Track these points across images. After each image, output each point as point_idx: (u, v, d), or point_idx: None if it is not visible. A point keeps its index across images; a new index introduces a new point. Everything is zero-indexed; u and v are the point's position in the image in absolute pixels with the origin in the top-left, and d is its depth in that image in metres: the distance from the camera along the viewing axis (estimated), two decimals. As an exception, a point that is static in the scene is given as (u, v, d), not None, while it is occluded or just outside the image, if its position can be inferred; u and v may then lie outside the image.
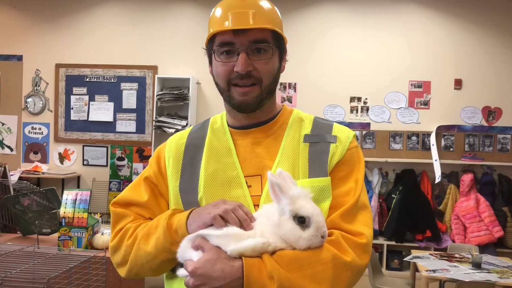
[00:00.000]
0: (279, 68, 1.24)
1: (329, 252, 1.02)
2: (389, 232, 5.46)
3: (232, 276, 0.96)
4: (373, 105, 5.89)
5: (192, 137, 1.30)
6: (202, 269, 0.98)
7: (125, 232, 1.19)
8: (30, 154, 6.36)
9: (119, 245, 1.19)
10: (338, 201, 1.13)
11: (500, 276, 3.40)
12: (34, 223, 2.69)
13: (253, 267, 0.97)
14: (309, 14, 5.94)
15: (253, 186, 1.17)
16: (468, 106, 5.75)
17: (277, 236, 1.01)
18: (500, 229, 5.25)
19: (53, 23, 6.32)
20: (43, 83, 6.32)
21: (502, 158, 5.65)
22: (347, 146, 1.20)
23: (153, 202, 1.24)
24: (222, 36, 1.16)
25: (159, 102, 5.80)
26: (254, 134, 1.23)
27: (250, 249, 0.99)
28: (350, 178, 1.16)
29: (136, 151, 6.15)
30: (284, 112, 1.28)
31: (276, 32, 1.20)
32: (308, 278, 0.98)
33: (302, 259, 0.99)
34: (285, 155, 1.19)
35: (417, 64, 5.82)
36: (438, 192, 5.67)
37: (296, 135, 1.22)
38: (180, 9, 6.12)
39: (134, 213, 1.22)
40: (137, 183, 1.28)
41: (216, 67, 1.20)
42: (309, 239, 1.00)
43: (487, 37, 5.73)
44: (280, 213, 1.01)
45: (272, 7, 1.22)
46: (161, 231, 1.10)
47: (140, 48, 6.17)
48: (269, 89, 1.20)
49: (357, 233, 1.08)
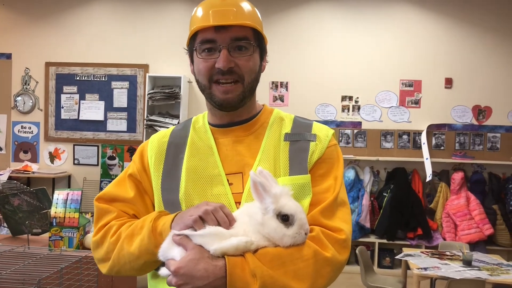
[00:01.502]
0: (260, 66, 1.24)
1: (310, 248, 1.03)
2: (380, 230, 5.48)
3: (215, 275, 0.97)
4: (364, 104, 5.91)
5: (174, 135, 1.30)
6: (185, 269, 0.98)
7: (109, 228, 1.19)
8: (20, 153, 6.30)
9: (102, 241, 1.19)
10: (318, 198, 1.15)
11: (490, 274, 3.43)
12: (25, 223, 2.66)
13: (236, 266, 0.98)
14: (301, 14, 5.95)
15: (234, 183, 1.18)
16: (459, 105, 5.79)
17: (260, 235, 1.02)
18: (490, 226, 5.30)
19: (43, 21, 6.26)
20: (33, 82, 6.26)
21: (492, 156, 5.70)
22: (326, 144, 1.22)
23: (138, 199, 1.24)
24: (204, 34, 1.18)
25: (150, 101, 5.77)
26: (235, 132, 1.25)
27: (233, 248, 0.99)
28: (330, 175, 1.19)
29: (127, 150, 6.12)
30: (265, 112, 1.30)
31: (257, 31, 1.21)
32: (290, 275, 1.00)
33: (284, 256, 1.00)
34: (266, 153, 1.20)
35: (408, 63, 5.85)
36: (429, 190, 5.71)
37: (276, 134, 1.24)
38: (172, 7, 6.10)
39: (118, 210, 1.22)
40: (121, 179, 1.28)
41: (197, 64, 1.21)
42: (293, 236, 1.01)
43: (477, 37, 5.77)
44: (263, 212, 1.02)
45: (252, 8, 1.24)
46: (146, 233, 1.10)
47: (131, 46, 6.14)
48: (251, 87, 1.21)
49: (337, 229, 1.10)
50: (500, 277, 3.40)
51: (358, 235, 5.48)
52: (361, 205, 5.52)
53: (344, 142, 5.89)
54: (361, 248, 4.15)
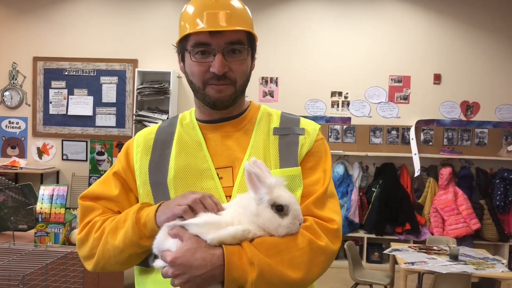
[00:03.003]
0: (251, 66, 1.27)
1: (305, 237, 1.05)
2: (369, 225, 5.52)
3: (213, 264, 0.97)
4: (353, 100, 5.93)
5: (160, 132, 1.30)
6: (182, 259, 0.97)
7: (93, 225, 1.18)
8: (7, 148, 6.24)
9: (86, 238, 1.18)
10: (308, 190, 1.17)
11: (476, 268, 3.47)
12: (10, 219, 2.64)
13: (233, 254, 0.98)
14: (290, 9, 5.94)
15: (224, 177, 1.19)
16: (447, 101, 5.83)
17: (255, 225, 1.03)
18: (477, 221, 5.35)
19: (31, 15, 6.19)
20: (21, 77, 6.20)
21: (479, 152, 5.75)
22: (314, 138, 1.25)
23: (123, 196, 1.24)
24: (198, 36, 1.18)
25: (139, 96, 5.74)
26: (224, 128, 1.26)
27: (230, 237, 1.00)
28: (318, 168, 1.22)
29: (116, 145, 6.09)
30: (252, 108, 1.32)
31: (250, 32, 1.23)
32: (286, 263, 1.01)
33: (280, 245, 1.02)
34: (255, 147, 1.22)
35: (397, 59, 5.88)
36: (417, 185, 5.75)
37: (265, 129, 1.26)
38: (161, 2, 6.06)
39: (103, 207, 1.22)
40: (106, 178, 1.28)
41: (190, 66, 1.21)
42: (288, 226, 1.03)
43: (466, 33, 5.80)
44: (258, 202, 1.03)
45: (243, 7, 1.25)
46: (130, 225, 1.10)
47: (120, 41, 6.09)
48: (242, 88, 1.24)
49: (329, 219, 1.13)
50: (485, 271, 3.44)
51: (347, 230, 5.51)
52: (350, 200, 5.55)
53: (334, 138, 5.90)
54: (350, 243, 4.18)
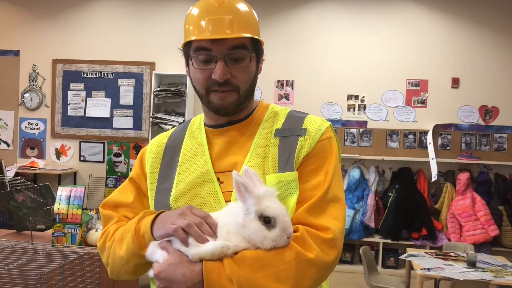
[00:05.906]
0: (256, 71, 1.23)
1: (292, 250, 1.00)
2: (385, 230, 5.47)
3: (193, 280, 0.98)
4: (370, 103, 5.88)
5: (172, 138, 1.31)
6: (164, 273, 1.00)
7: (107, 234, 1.21)
8: (26, 149, 6.34)
9: (103, 247, 1.21)
10: (305, 195, 1.10)
11: (494, 275, 3.41)
12: (28, 219, 2.68)
13: (212, 271, 0.98)
14: (306, 12, 5.93)
15: (225, 182, 1.17)
16: (465, 105, 5.75)
17: (241, 236, 1.00)
18: (496, 228, 5.26)
19: (51, 18, 6.29)
20: (40, 79, 6.30)
21: (498, 157, 5.66)
22: (317, 139, 1.16)
23: (138, 202, 1.25)
24: (200, 42, 1.16)
25: (156, 99, 5.79)
26: (230, 132, 1.23)
27: (209, 254, 0.99)
28: (321, 170, 1.13)
29: (133, 147, 6.14)
30: (260, 108, 1.28)
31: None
32: (271, 277, 0.98)
33: (265, 258, 0.99)
34: (256, 151, 1.18)
35: (414, 63, 5.82)
36: (434, 190, 5.68)
37: (268, 131, 1.21)
38: (178, 5, 6.10)
39: (120, 215, 1.24)
40: (124, 185, 1.30)
41: (193, 73, 1.20)
42: (274, 239, 0.99)
43: (484, 36, 5.72)
44: (245, 213, 1.00)
45: (249, 10, 1.21)
46: (130, 236, 1.11)
47: (138, 44, 6.15)
48: (247, 94, 1.20)
49: (323, 228, 1.06)
50: (504, 279, 3.36)
51: (363, 235, 5.47)
52: (366, 205, 5.50)
53: (350, 141, 5.87)
54: (365, 248, 4.14)
